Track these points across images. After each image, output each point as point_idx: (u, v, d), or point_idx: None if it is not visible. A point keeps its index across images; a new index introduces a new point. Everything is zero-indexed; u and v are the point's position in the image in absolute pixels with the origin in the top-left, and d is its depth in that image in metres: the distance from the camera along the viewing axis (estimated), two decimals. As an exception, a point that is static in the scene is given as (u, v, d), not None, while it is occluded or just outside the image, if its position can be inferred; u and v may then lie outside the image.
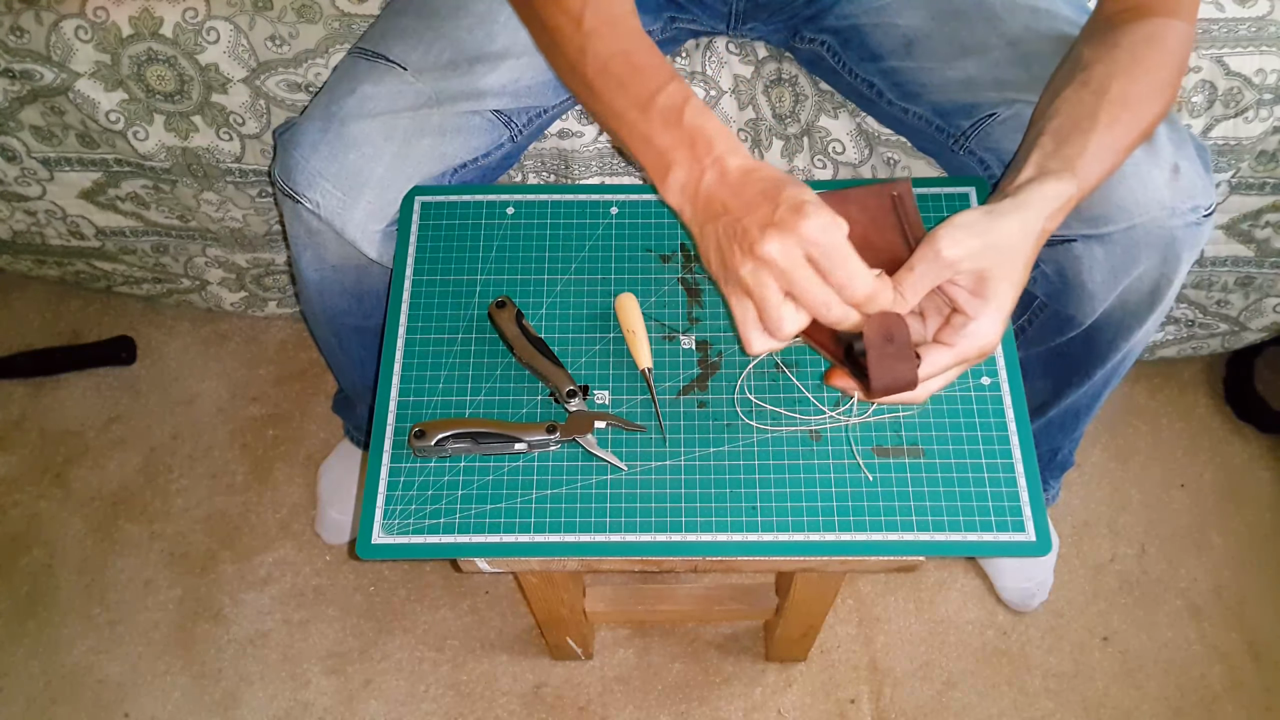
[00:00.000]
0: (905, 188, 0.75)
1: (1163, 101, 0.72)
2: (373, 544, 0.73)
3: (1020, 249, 0.65)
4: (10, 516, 1.35)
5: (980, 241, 0.64)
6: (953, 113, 0.87)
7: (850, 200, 0.75)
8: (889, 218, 0.74)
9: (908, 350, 0.64)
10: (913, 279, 0.65)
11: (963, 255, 0.63)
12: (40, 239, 1.28)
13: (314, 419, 1.42)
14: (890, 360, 0.64)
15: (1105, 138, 0.69)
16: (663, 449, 0.76)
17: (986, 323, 0.65)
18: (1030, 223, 0.65)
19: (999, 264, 0.64)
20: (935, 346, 0.66)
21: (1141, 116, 0.71)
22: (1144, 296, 0.84)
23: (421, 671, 1.24)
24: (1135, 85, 0.71)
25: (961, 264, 0.64)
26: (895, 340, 0.63)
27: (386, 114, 0.84)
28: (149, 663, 1.25)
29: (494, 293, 0.82)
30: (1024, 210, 0.65)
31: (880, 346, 0.64)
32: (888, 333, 0.63)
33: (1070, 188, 0.67)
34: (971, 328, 0.65)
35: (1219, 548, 1.30)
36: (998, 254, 0.64)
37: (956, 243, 0.63)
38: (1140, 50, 0.72)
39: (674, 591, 1.15)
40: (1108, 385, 1.00)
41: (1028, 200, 0.66)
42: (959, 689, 1.22)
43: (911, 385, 0.65)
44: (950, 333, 0.66)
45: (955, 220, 0.65)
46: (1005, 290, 0.65)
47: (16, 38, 1.00)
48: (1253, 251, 1.13)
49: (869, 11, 0.91)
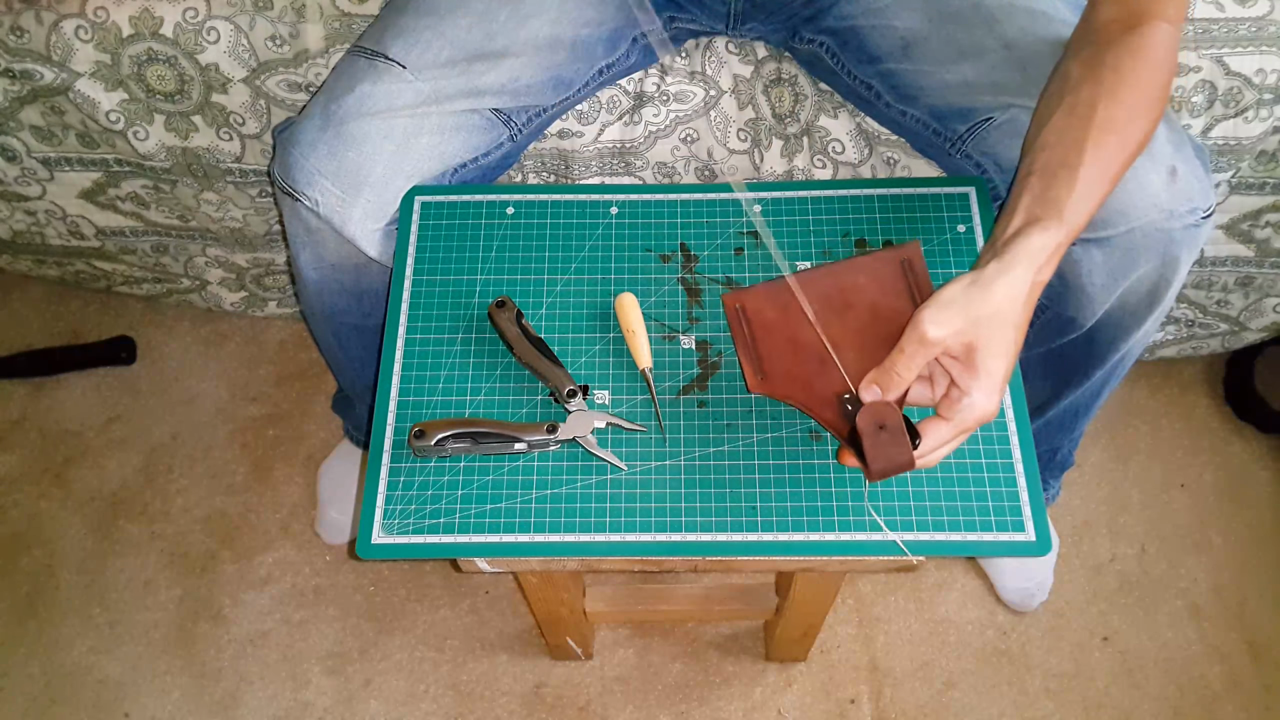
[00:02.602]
0: (915, 251, 0.77)
1: (1151, 117, 0.72)
2: (373, 544, 0.73)
3: (1008, 315, 0.66)
4: (10, 516, 1.35)
5: (963, 318, 0.65)
6: (949, 116, 0.87)
7: (860, 269, 0.77)
8: (899, 283, 0.77)
9: (900, 436, 0.67)
10: (904, 360, 0.67)
11: (946, 334, 0.65)
12: (40, 239, 1.28)
13: (314, 419, 1.42)
14: (884, 447, 0.67)
15: (1093, 169, 0.69)
16: (663, 449, 0.76)
17: (980, 396, 0.66)
18: (1017, 284, 0.66)
19: (987, 336, 0.65)
20: (934, 422, 0.68)
21: (1130, 137, 0.71)
22: (1143, 298, 0.84)
23: (421, 671, 1.24)
24: (1121, 106, 0.71)
25: (946, 342, 0.65)
26: (888, 427, 0.67)
27: (385, 112, 0.84)
28: (149, 663, 1.25)
29: (494, 293, 0.82)
30: (1009, 272, 0.66)
31: (874, 435, 0.68)
32: (880, 421, 0.68)
33: (1057, 235, 0.67)
34: (965, 402, 0.66)
35: (1219, 548, 1.30)
36: (986, 326, 0.65)
37: (939, 323, 0.65)
38: (1125, 66, 0.72)
39: (674, 591, 1.15)
40: (1107, 385, 1.00)
41: (1014, 260, 0.66)
42: (959, 689, 1.22)
43: (908, 466, 0.68)
44: (947, 406, 0.68)
45: (939, 297, 0.66)
46: (997, 361, 0.66)
47: (16, 38, 1.00)
48: (1253, 251, 1.13)
49: (867, 13, 0.91)
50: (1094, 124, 0.70)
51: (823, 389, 0.73)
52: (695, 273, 0.83)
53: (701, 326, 0.81)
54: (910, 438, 0.67)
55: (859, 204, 0.85)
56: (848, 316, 0.75)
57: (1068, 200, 0.68)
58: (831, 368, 0.73)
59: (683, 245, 0.85)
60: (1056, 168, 0.69)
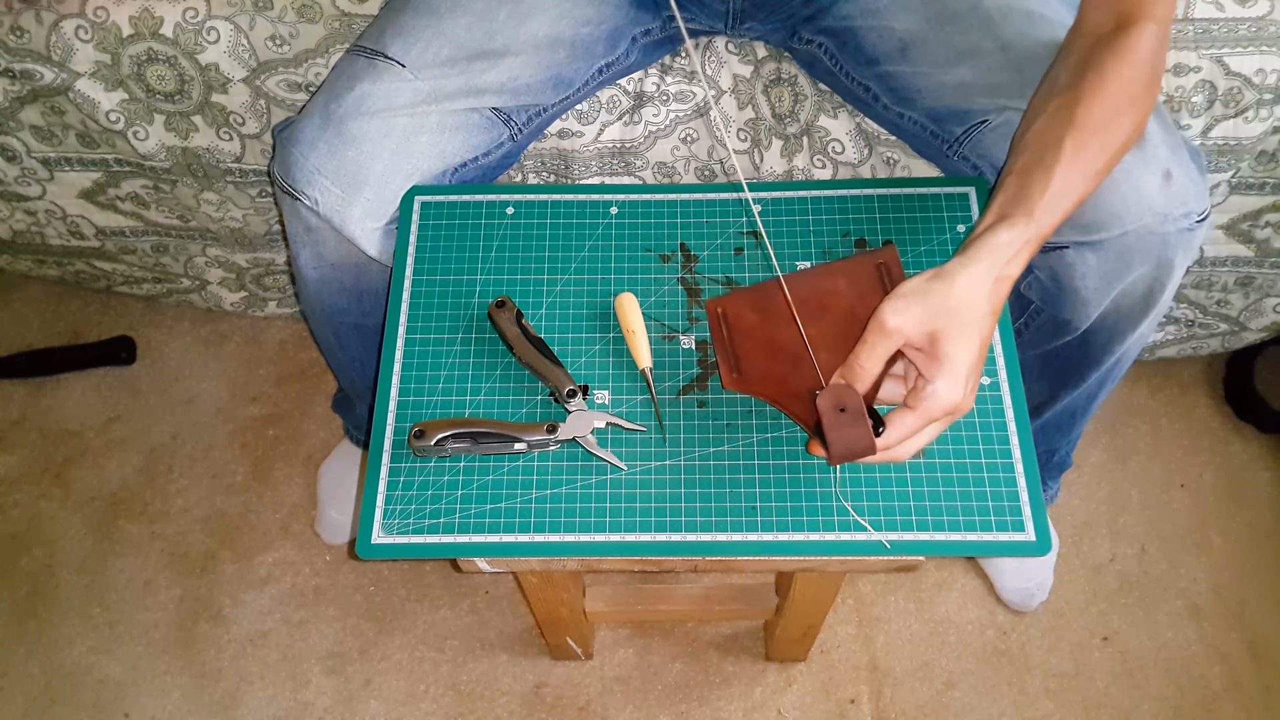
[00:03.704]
0: (891, 255, 0.79)
1: (1135, 114, 0.72)
2: (373, 544, 0.73)
3: (972, 305, 0.66)
4: (10, 516, 1.35)
5: (921, 306, 0.66)
6: (946, 118, 0.87)
7: (837, 273, 0.79)
8: (875, 287, 0.78)
9: (860, 418, 0.67)
10: (866, 350, 0.67)
11: (904, 322, 0.66)
12: (40, 239, 1.28)
13: (314, 419, 1.42)
14: (844, 428, 0.67)
15: (1071, 170, 0.69)
16: (663, 449, 0.76)
17: (943, 384, 0.66)
18: (978, 277, 0.67)
19: (949, 325, 0.66)
20: (899, 411, 0.68)
21: (1112, 136, 0.71)
22: (1138, 301, 0.84)
23: (421, 671, 1.24)
24: (1102, 105, 0.71)
25: (905, 329, 0.66)
26: (848, 409, 0.68)
27: (385, 111, 0.84)
28: (149, 663, 1.25)
29: (494, 293, 0.82)
30: (970, 266, 0.67)
31: (833, 416, 0.68)
32: (840, 404, 0.68)
33: (1025, 232, 0.68)
34: (928, 390, 0.67)
35: (1219, 548, 1.30)
36: (947, 315, 0.66)
37: (897, 311, 0.66)
38: (1108, 65, 0.72)
39: (674, 591, 1.15)
40: (1104, 387, 1.00)
41: (976, 255, 0.67)
42: (959, 689, 1.22)
43: (869, 450, 0.67)
44: (913, 396, 0.68)
45: (899, 289, 0.67)
46: (961, 349, 0.66)
47: (16, 38, 1.00)
48: (1253, 251, 1.13)
49: (865, 14, 0.91)
50: (1074, 124, 0.70)
51: (795, 385, 0.74)
52: (695, 273, 0.83)
53: (701, 326, 0.81)
54: (875, 426, 0.68)
55: (859, 204, 0.85)
56: (824, 319, 0.76)
57: (1040, 199, 0.68)
58: (805, 366, 0.74)
59: (683, 245, 0.85)
60: (1033, 168, 0.70)
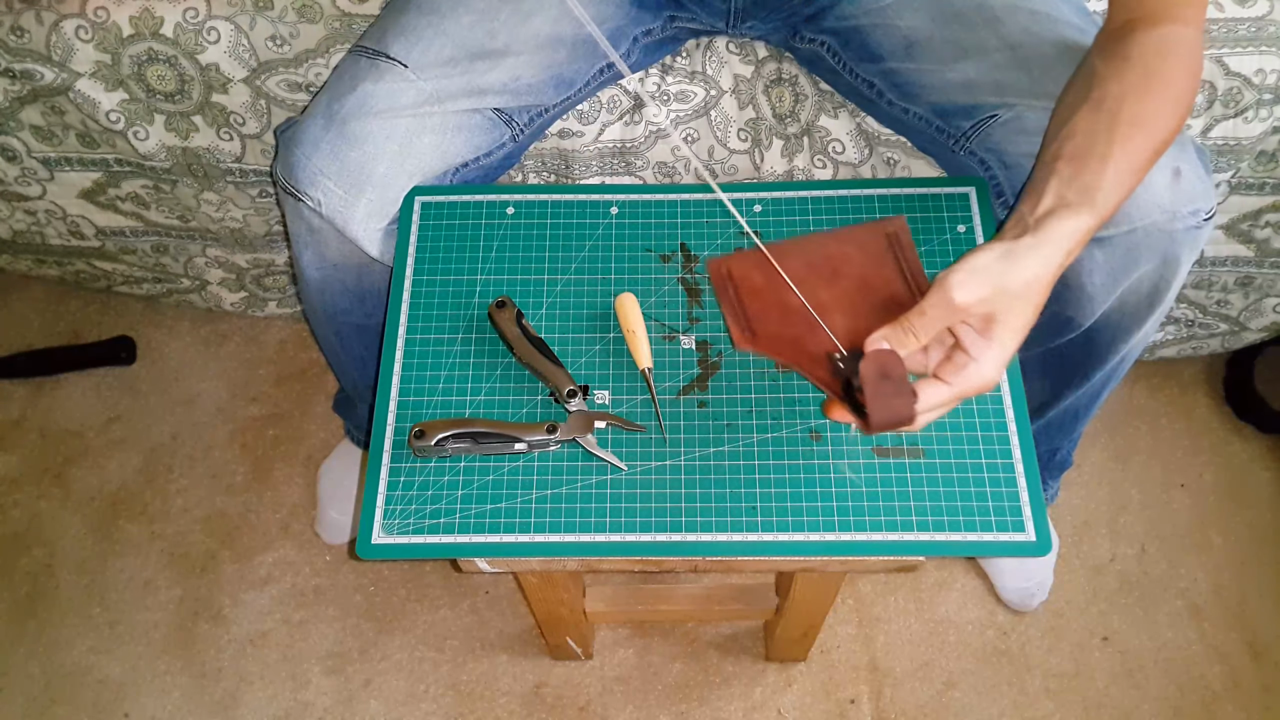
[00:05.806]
0: (900, 224, 0.78)
1: (1178, 116, 0.72)
2: (373, 544, 0.73)
3: (1033, 291, 0.66)
4: (10, 516, 1.35)
5: (991, 287, 0.65)
6: (953, 114, 0.87)
7: (846, 240, 0.77)
8: (886, 255, 0.77)
9: (905, 386, 0.65)
10: (924, 321, 0.66)
11: (974, 301, 0.65)
12: (40, 239, 1.28)
13: (314, 419, 1.42)
14: (887, 397, 0.65)
15: (1121, 163, 0.68)
16: (663, 449, 0.76)
17: (988, 364, 0.66)
18: (1047, 262, 0.66)
19: (1009, 308, 0.65)
20: (933, 382, 0.67)
21: (1155, 135, 0.71)
22: (1143, 299, 0.84)
23: (421, 671, 1.24)
24: (1149, 104, 0.70)
25: (972, 309, 0.65)
26: (892, 377, 0.65)
27: (387, 112, 0.84)
28: (149, 663, 1.25)
29: (494, 293, 0.82)
30: (1041, 249, 0.66)
31: (877, 384, 0.65)
32: (884, 370, 0.65)
33: (1089, 220, 0.67)
34: (972, 368, 0.66)
35: (1219, 548, 1.30)
36: (1010, 298, 0.65)
37: (968, 288, 0.64)
38: (1153, 65, 0.71)
39: (674, 591, 1.15)
40: (1106, 386, 1.00)
41: (1048, 237, 0.66)
42: (959, 689, 1.22)
43: (909, 420, 0.66)
44: (951, 370, 0.67)
45: (970, 262, 0.65)
46: (1011, 334, 0.66)
47: (17, 38, 1.00)
48: (1253, 251, 1.13)
49: (869, 12, 0.91)
50: (1122, 118, 0.69)
51: (813, 347, 0.73)
52: (695, 273, 0.83)
53: (701, 326, 0.81)
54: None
55: (859, 204, 0.85)
56: (836, 283, 0.75)
57: (1099, 189, 0.67)
58: (820, 329, 0.73)
59: (683, 245, 0.85)
60: (1086, 156, 0.69)
